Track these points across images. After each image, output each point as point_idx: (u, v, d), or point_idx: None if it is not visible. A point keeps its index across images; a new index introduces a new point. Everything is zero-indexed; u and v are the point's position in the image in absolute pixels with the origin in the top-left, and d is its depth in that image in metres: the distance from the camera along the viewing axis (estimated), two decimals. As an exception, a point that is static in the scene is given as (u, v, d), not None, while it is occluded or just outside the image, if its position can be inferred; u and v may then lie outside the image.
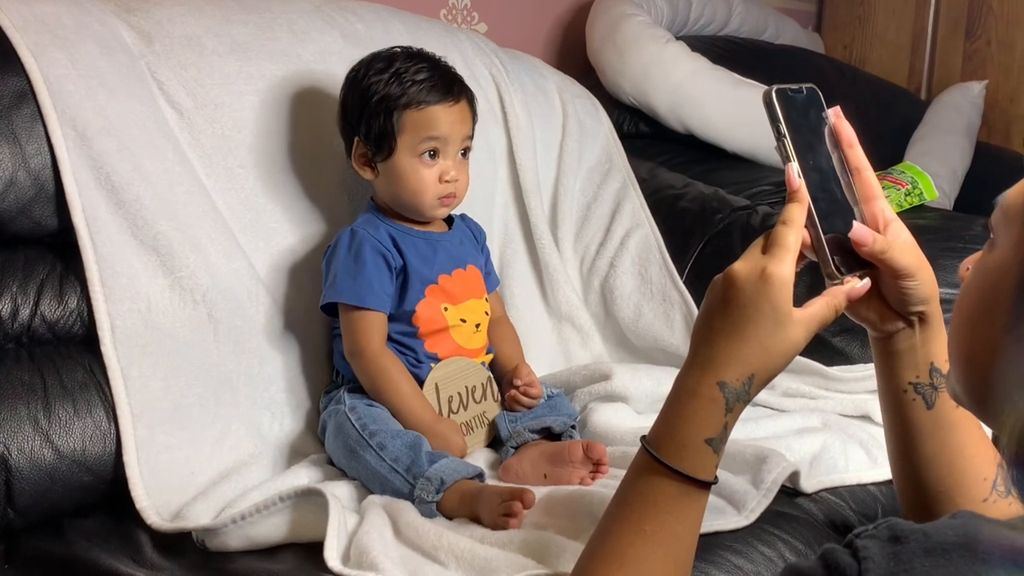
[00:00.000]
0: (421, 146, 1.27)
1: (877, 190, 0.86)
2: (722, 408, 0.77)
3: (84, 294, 1.17)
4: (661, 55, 2.10)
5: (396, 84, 1.27)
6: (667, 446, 0.78)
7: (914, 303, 0.85)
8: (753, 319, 0.77)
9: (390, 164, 1.29)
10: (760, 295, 0.77)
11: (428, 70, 1.29)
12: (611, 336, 1.65)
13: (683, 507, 0.78)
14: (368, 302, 1.26)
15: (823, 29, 3.07)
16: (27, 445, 1.10)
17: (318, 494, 1.04)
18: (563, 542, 0.98)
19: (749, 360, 0.77)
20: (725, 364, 0.78)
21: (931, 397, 0.87)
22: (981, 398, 0.68)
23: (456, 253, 1.35)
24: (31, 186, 1.17)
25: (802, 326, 0.79)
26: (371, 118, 1.28)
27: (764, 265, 0.78)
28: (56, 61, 1.19)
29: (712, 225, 1.73)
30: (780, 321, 0.77)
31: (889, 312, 0.87)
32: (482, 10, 2.17)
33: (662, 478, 0.77)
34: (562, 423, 1.30)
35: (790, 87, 0.84)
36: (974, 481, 0.87)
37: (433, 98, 1.27)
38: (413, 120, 1.27)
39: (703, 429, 0.77)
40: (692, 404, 0.78)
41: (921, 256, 0.85)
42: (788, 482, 1.16)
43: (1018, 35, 2.73)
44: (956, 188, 2.49)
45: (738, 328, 0.77)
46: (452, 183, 1.29)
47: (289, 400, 1.31)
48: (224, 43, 1.37)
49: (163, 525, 1.09)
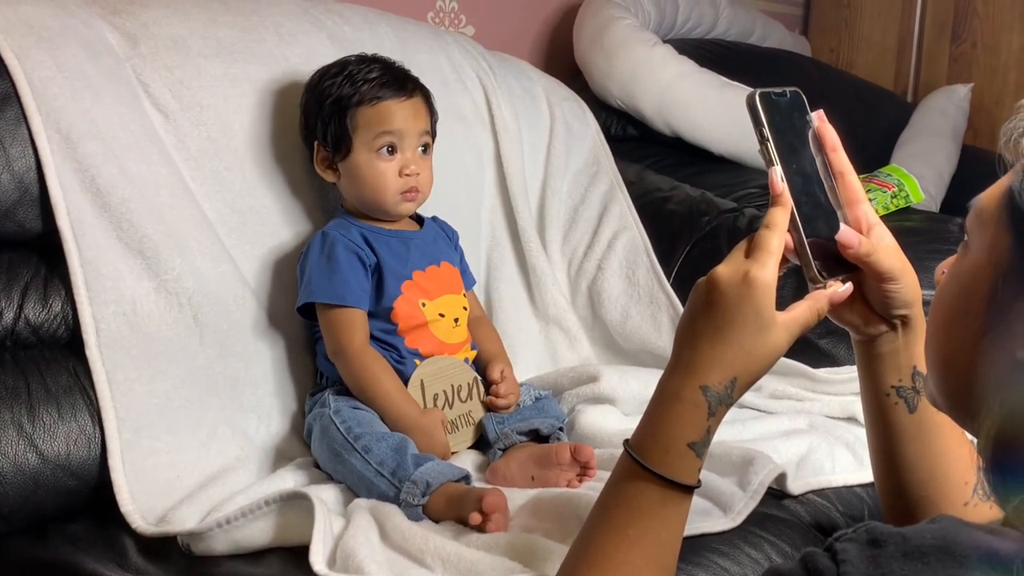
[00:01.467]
0: (377, 142, 1.28)
1: (860, 194, 0.86)
2: (705, 412, 0.77)
3: (69, 297, 1.17)
4: (648, 58, 2.10)
5: (348, 84, 1.30)
6: (650, 450, 0.78)
7: (897, 306, 0.85)
8: (736, 323, 0.77)
9: (349, 163, 1.30)
10: (743, 299, 0.77)
11: (380, 69, 1.32)
12: (599, 338, 1.65)
13: (666, 511, 0.78)
14: (346, 299, 1.26)
15: (809, 32, 3.09)
16: (11, 449, 1.09)
17: (304, 498, 1.03)
18: (550, 545, 0.97)
19: (731, 364, 0.77)
20: (708, 368, 0.77)
21: (913, 401, 0.88)
22: (958, 402, 0.69)
23: (429, 250, 1.35)
24: (15, 189, 1.16)
25: (784, 330, 0.79)
26: (327, 120, 1.30)
27: (747, 269, 0.77)
28: (41, 63, 1.19)
29: (699, 228, 1.74)
30: (762, 325, 0.77)
31: (872, 315, 0.87)
32: (469, 13, 2.17)
33: (645, 483, 0.77)
34: (550, 425, 1.30)
35: (773, 90, 0.84)
36: (955, 485, 0.87)
37: (385, 93, 1.29)
38: (366, 116, 1.29)
39: (686, 433, 0.77)
40: (675, 408, 0.78)
41: (904, 260, 0.85)
42: (775, 484, 1.16)
43: (1003, 38, 2.75)
44: (942, 191, 2.50)
45: (721, 332, 0.77)
46: (413, 176, 1.30)
47: (275, 403, 1.30)
48: (210, 45, 1.36)
49: (148, 529, 1.08)
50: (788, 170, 0.83)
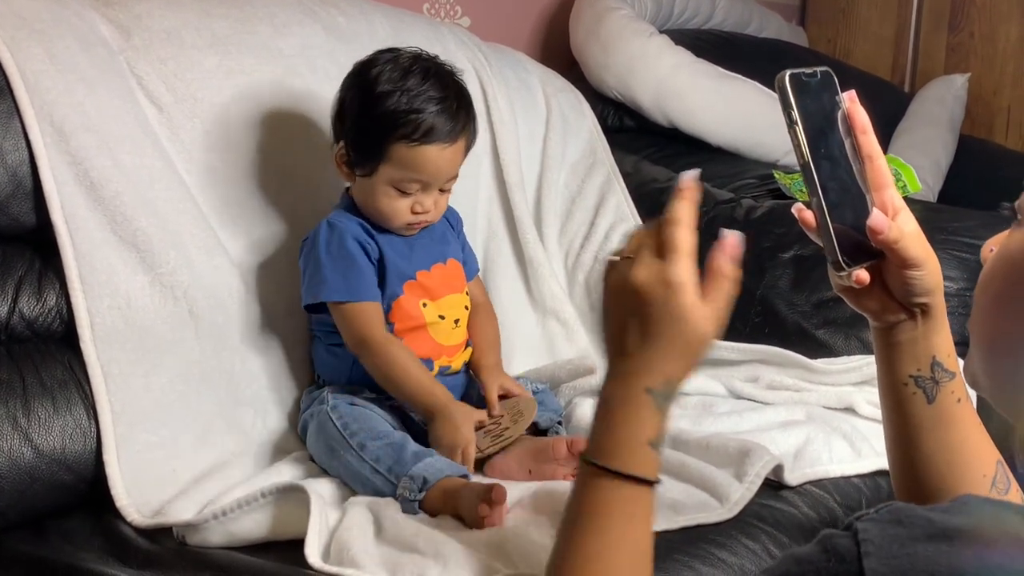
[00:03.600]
0: (402, 183, 1.23)
1: (888, 178, 0.84)
2: (654, 410, 0.78)
3: (63, 291, 1.16)
4: (645, 49, 2.10)
5: (402, 104, 1.21)
6: (611, 453, 0.78)
7: (918, 294, 0.84)
8: (663, 327, 0.77)
9: (368, 181, 1.25)
10: (667, 303, 0.76)
11: (438, 101, 1.22)
12: (596, 330, 1.65)
13: (638, 509, 0.77)
14: (365, 295, 1.23)
15: (807, 22, 3.08)
16: (6, 444, 1.09)
17: (300, 490, 1.03)
18: (544, 540, 0.97)
19: (668, 364, 0.78)
20: (647, 372, 0.77)
21: (932, 391, 0.87)
22: (1002, 385, 0.67)
23: (434, 248, 1.32)
24: (8, 182, 1.15)
25: (707, 321, 0.78)
26: (363, 131, 1.23)
27: (666, 274, 0.77)
28: (33, 56, 1.18)
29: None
30: (689, 322, 0.77)
31: (891, 302, 0.86)
32: (465, 4, 2.16)
33: (614, 485, 0.77)
34: (548, 419, 1.30)
35: (804, 71, 0.82)
36: (974, 478, 0.86)
37: (432, 137, 1.21)
38: (402, 155, 1.22)
39: (643, 431, 0.78)
40: (626, 410, 0.78)
41: (928, 247, 0.84)
42: (772, 475, 1.16)
43: (1001, 28, 2.74)
44: (939, 180, 2.49)
45: (651, 338, 0.77)
46: (424, 214, 1.26)
47: (272, 397, 1.30)
48: (204, 37, 1.35)
49: (144, 522, 1.08)
50: (816, 154, 0.80)
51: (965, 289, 1.50)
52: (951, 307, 1.50)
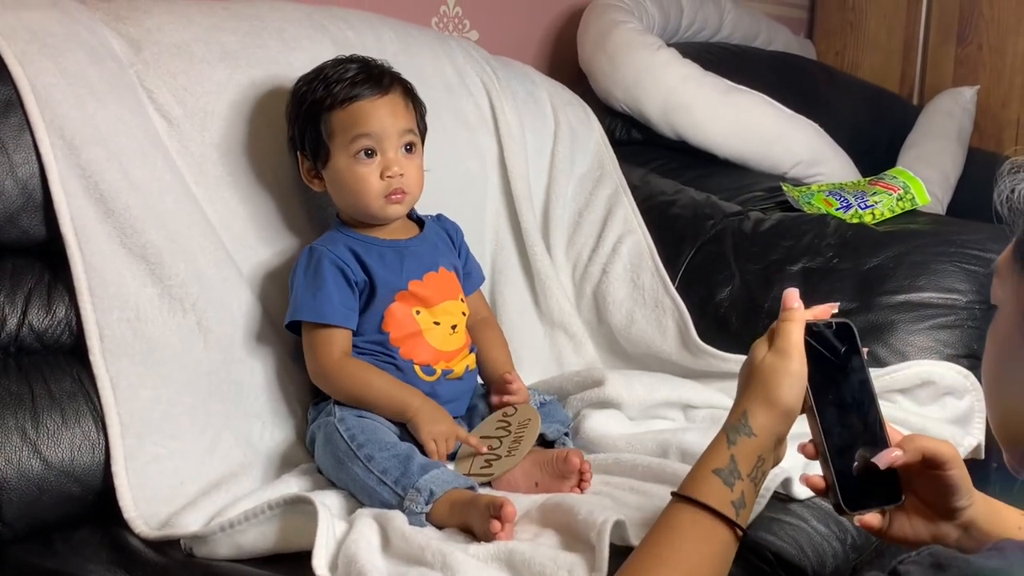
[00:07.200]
0: (353, 146, 1.25)
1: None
2: (724, 442, 0.88)
3: (72, 303, 1.17)
4: (652, 62, 2.10)
5: (322, 88, 1.26)
6: (683, 483, 0.89)
7: (959, 494, 0.87)
8: (755, 382, 0.91)
9: (330, 171, 1.28)
10: (763, 364, 0.90)
11: (355, 69, 1.27)
12: (604, 343, 1.65)
13: (696, 532, 0.85)
14: (330, 318, 1.24)
15: (815, 35, 3.08)
16: (15, 456, 1.09)
17: (307, 502, 1.03)
18: (553, 554, 0.97)
19: (743, 400, 0.90)
20: (732, 415, 0.91)
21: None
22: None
23: (426, 257, 1.32)
24: (19, 195, 1.16)
25: (786, 358, 0.89)
26: (304, 127, 1.28)
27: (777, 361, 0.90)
28: (44, 70, 1.19)
29: (704, 231, 1.73)
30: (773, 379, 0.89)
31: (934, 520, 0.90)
32: (473, 18, 2.17)
33: (678, 507, 0.87)
34: (555, 430, 1.30)
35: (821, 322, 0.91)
36: (1009, 528, 0.89)
37: (358, 92, 1.25)
38: (340, 120, 1.25)
39: (710, 461, 0.88)
40: (709, 448, 0.90)
41: (950, 445, 0.88)
42: (781, 488, 1.15)
43: (1009, 40, 2.74)
44: (948, 193, 2.49)
45: (744, 391, 0.92)
46: (396, 178, 1.26)
47: (280, 409, 1.30)
48: (213, 51, 1.36)
49: (151, 534, 1.08)
50: (821, 401, 0.87)
51: (974, 302, 1.49)
52: (960, 320, 1.51)
